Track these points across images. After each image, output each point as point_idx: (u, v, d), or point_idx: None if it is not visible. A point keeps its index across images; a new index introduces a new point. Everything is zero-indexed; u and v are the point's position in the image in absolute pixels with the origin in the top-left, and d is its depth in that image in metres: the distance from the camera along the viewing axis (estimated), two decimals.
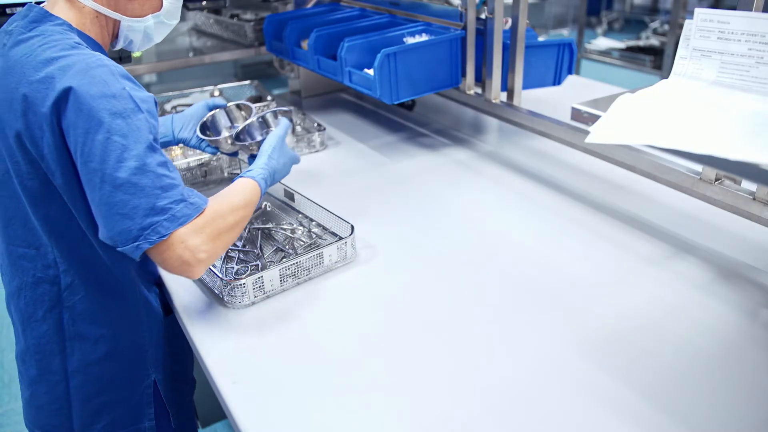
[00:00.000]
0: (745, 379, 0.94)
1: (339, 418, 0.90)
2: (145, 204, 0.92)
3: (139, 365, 1.19)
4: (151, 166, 0.93)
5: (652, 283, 1.17)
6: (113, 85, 0.94)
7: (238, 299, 1.13)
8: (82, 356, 1.12)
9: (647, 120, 0.83)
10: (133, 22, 1.12)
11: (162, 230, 0.92)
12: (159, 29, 1.18)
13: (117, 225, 0.92)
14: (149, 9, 1.13)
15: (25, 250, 1.07)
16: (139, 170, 0.92)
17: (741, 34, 0.86)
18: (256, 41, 2.41)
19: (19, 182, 1.01)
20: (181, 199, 0.95)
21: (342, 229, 1.30)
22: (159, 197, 0.93)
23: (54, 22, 1.02)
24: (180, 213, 0.94)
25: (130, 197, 0.91)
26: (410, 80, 1.62)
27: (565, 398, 0.92)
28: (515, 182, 1.60)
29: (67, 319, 1.09)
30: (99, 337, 1.12)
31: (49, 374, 1.12)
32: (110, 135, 0.91)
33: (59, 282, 1.08)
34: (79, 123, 0.92)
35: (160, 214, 0.92)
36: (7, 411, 2.30)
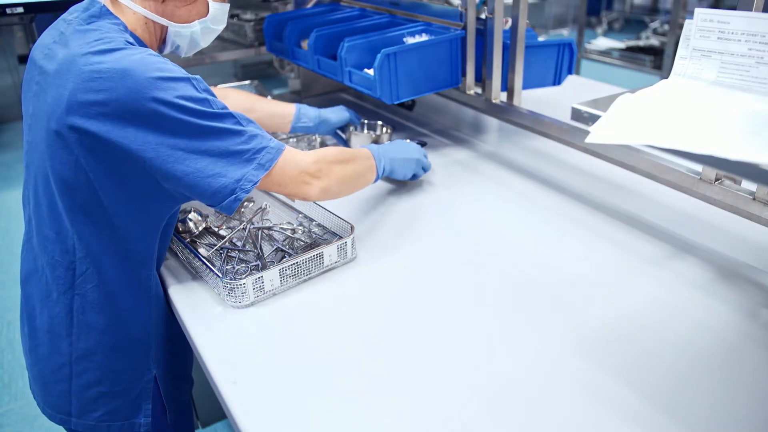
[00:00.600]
0: (745, 379, 0.94)
1: (339, 418, 0.90)
2: (231, 160, 1.00)
3: (142, 360, 1.20)
4: (226, 127, 1.00)
5: (652, 283, 1.17)
6: (170, 72, 0.98)
7: (238, 299, 1.13)
8: (87, 344, 1.13)
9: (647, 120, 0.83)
10: (180, 28, 1.15)
11: (253, 177, 1.01)
12: (206, 34, 1.21)
13: (211, 186, 1.00)
14: (196, 15, 1.16)
15: (49, 231, 1.09)
16: (218, 133, 0.99)
17: (741, 34, 0.86)
18: (256, 41, 2.41)
19: (51, 166, 1.03)
20: (262, 147, 1.03)
21: (342, 229, 1.30)
22: (243, 151, 1.01)
23: (112, 20, 1.06)
24: (264, 159, 1.03)
25: (217, 158, 0.99)
26: (410, 80, 1.63)
27: (565, 398, 0.92)
28: (515, 182, 1.60)
29: (78, 305, 1.11)
30: (105, 329, 1.13)
31: (57, 355, 1.14)
32: (181, 115, 0.96)
33: (74, 268, 1.09)
34: (145, 112, 0.95)
35: (248, 165, 1.01)
36: (7, 411, 2.30)
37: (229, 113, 1.02)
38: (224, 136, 1.00)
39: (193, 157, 0.99)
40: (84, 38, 1.01)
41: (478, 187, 1.59)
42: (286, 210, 1.49)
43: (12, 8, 2.11)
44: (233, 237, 1.34)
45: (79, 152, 0.99)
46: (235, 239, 1.33)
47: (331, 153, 1.19)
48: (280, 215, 1.47)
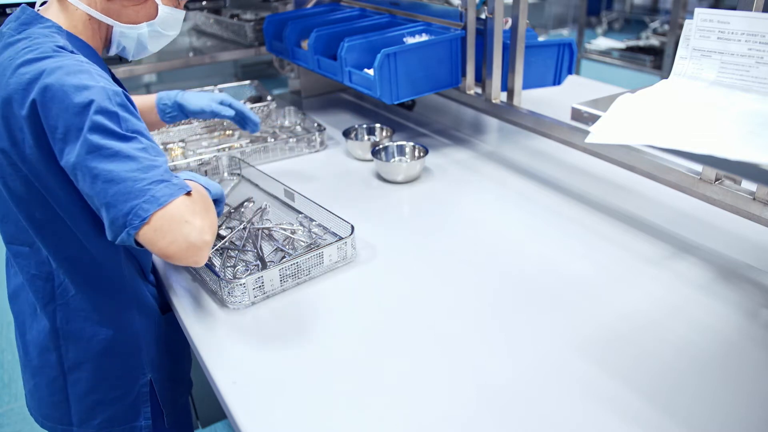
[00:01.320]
0: (745, 379, 0.94)
1: (339, 418, 0.90)
2: (123, 189, 0.89)
3: (135, 364, 1.19)
4: (126, 151, 0.91)
5: (652, 283, 1.17)
6: (87, 81, 0.93)
7: (238, 299, 1.13)
8: (77, 354, 1.13)
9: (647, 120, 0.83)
10: (125, 29, 1.10)
11: (142, 213, 0.88)
12: (154, 39, 1.16)
13: (108, 215, 0.91)
14: (144, 16, 1.11)
15: (20, 247, 1.08)
16: (113, 156, 0.90)
17: (741, 34, 0.86)
18: (256, 41, 2.41)
19: (3, 183, 1.02)
20: (161, 180, 0.91)
21: (342, 229, 1.30)
22: (137, 180, 0.90)
23: (43, 25, 1.01)
24: (159, 193, 0.90)
25: (108, 185, 0.89)
26: (410, 80, 1.63)
27: (565, 398, 0.92)
28: (515, 182, 1.60)
29: (61, 317, 1.10)
30: (92, 336, 1.13)
31: (48, 368, 1.14)
32: (84, 127, 0.90)
33: (52, 279, 1.09)
34: (57, 120, 0.91)
35: (139, 197, 0.89)
36: (7, 411, 2.30)
37: (136, 137, 0.94)
38: (120, 161, 0.90)
39: (88, 180, 0.91)
40: (13, 50, 0.98)
41: (478, 187, 1.59)
42: (286, 210, 1.49)
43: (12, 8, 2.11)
44: (233, 237, 1.34)
45: (23, 167, 0.98)
46: (235, 239, 1.33)
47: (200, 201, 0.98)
48: (280, 215, 1.47)
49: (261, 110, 1.98)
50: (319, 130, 1.86)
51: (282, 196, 1.52)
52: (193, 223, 0.91)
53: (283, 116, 2.04)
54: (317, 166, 1.76)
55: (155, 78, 2.87)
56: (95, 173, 0.90)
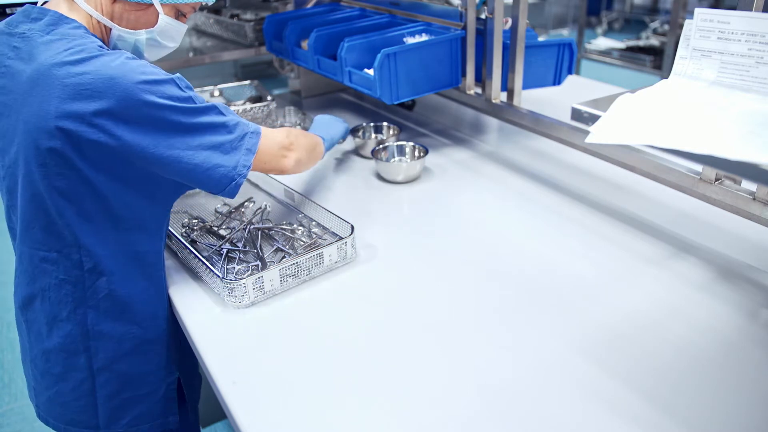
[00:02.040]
0: (745, 379, 0.94)
1: (339, 418, 0.90)
2: (223, 149, 1.06)
3: (162, 360, 1.20)
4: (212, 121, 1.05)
5: (652, 283, 1.17)
6: (153, 75, 0.99)
7: (238, 299, 1.13)
8: (107, 354, 1.13)
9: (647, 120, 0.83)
10: (124, 33, 1.10)
11: (245, 162, 1.09)
12: (152, 48, 1.16)
13: (212, 177, 1.06)
14: (144, 24, 1.12)
15: (47, 253, 1.07)
16: (206, 128, 1.04)
17: (741, 34, 0.86)
18: (256, 41, 2.41)
19: (46, 184, 1.00)
20: (245, 133, 1.10)
21: (342, 229, 1.30)
22: (231, 141, 1.08)
23: (71, 25, 1.03)
24: (250, 143, 1.10)
25: (211, 151, 1.05)
26: (410, 80, 1.63)
27: (565, 398, 0.92)
28: (515, 182, 1.60)
29: (92, 318, 1.10)
30: (123, 335, 1.13)
31: (75, 371, 1.13)
32: (174, 117, 1.00)
33: (83, 282, 1.08)
34: (133, 113, 0.96)
35: (238, 152, 1.08)
36: (6, 411, 2.30)
37: (212, 106, 1.07)
38: (212, 130, 1.05)
39: (189, 154, 1.03)
40: (52, 49, 0.97)
41: (478, 187, 1.59)
42: (286, 210, 1.49)
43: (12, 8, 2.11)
44: (233, 237, 1.34)
45: (81, 164, 0.98)
46: (235, 239, 1.33)
47: (292, 128, 1.30)
48: (280, 215, 1.47)
49: (261, 110, 1.98)
50: None
51: (282, 196, 1.52)
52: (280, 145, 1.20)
53: (283, 116, 2.03)
54: (317, 166, 1.76)
55: None
56: (196, 144, 1.03)
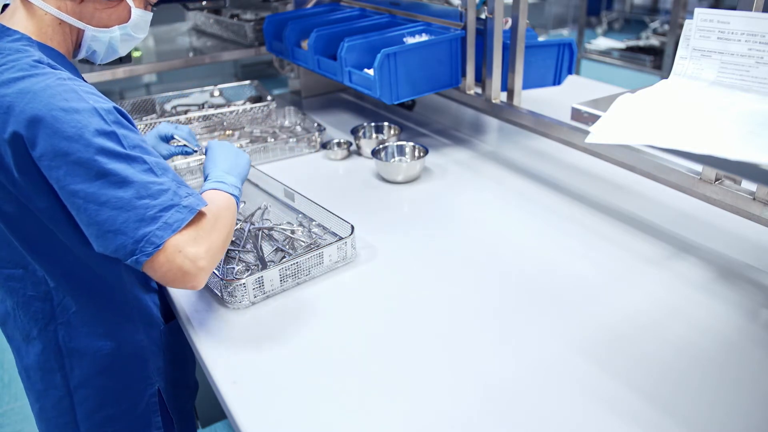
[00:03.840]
0: (745, 379, 0.94)
1: (339, 418, 0.90)
2: (134, 216, 0.88)
3: (142, 375, 1.17)
4: (133, 175, 0.89)
5: (652, 283, 1.17)
6: (76, 102, 0.89)
7: (238, 299, 1.13)
8: (82, 371, 1.10)
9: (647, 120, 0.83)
10: (98, 33, 1.06)
11: (156, 240, 0.88)
12: (125, 42, 1.12)
13: (112, 242, 0.89)
14: (116, 20, 1.07)
15: (12, 270, 1.04)
16: (121, 182, 0.88)
17: (741, 34, 0.86)
18: (256, 41, 2.41)
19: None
20: (171, 205, 0.90)
21: (342, 229, 1.30)
22: (147, 207, 0.89)
23: (12, 38, 0.96)
24: (172, 219, 0.90)
25: (117, 212, 0.88)
26: (410, 80, 1.62)
27: (565, 398, 0.92)
28: (515, 182, 1.60)
29: (63, 335, 1.07)
30: (97, 351, 1.10)
31: (53, 389, 1.11)
32: (82, 154, 0.87)
33: (51, 299, 1.05)
34: (47, 149, 0.87)
35: (151, 224, 0.88)
36: (7, 411, 2.30)
37: (140, 156, 0.91)
38: (128, 186, 0.88)
39: (92, 208, 0.88)
40: None
41: (478, 187, 1.59)
42: (286, 210, 1.49)
43: None
44: (233, 237, 1.34)
45: (12, 189, 0.94)
46: (235, 239, 1.33)
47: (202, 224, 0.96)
48: (280, 215, 1.47)
49: (261, 110, 1.98)
50: (320, 130, 1.86)
51: (282, 196, 1.52)
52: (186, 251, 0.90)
53: (283, 116, 2.03)
54: (317, 166, 1.76)
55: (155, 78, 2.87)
56: (103, 200, 0.88)
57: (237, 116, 1.96)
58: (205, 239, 0.94)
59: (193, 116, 1.92)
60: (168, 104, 2.07)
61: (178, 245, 0.90)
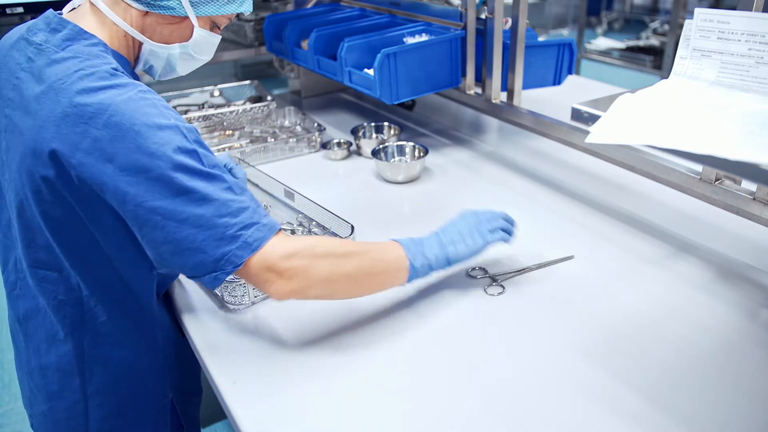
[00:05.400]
0: (745, 379, 0.94)
1: (339, 418, 0.90)
2: (214, 234, 0.87)
3: (158, 385, 1.17)
4: (213, 193, 0.88)
5: (652, 283, 1.17)
6: (159, 118, 0.89)
7: (238, 299, 1.13)
8: (102, 378, 1.09)
9: (647, 120, 0.83)
10: (156, 48, 1.05)
11: (236, 259, 0.88)
12: (185, 61, 1.11)
13: (190, 259, 0.89)
14: (178, 38, 1.06)
15: (47, 272, 1.03)
16: (201, 200, 0.88)
17: (741, 34, 0.86)
18: (256, 41, 2.41)
19: (41, 211, 0.95)
20: (251, 223, 0.90)
21: (342, 229, 1.30)
22: (227, 225, 0.88)
23: (89, 42, 0.96)
24: (252, 238, 0.89)
25: (198, 230, 0.87)
26: (410, 80, 1.63)
27: (565, 398, 0.92)
28: (515, 182, 1.60)
29: (88, 342, 1.07)
30: (119, 360, 1.10)
31: (70, 392, 1.10)
32: (164, 171, 0.86)
33: (82, 305, 1.05)
34: (128, 164, 0.87)
35: (231, 243, 0.88)
36: (7, 411, 2.30)
37: (220, 175, 0.91)
38: (209, 204, 0.88)
39: (171, 225, 0.87)
40: (62, 69, 0.91)
41: (478, 187, 1.59)
42: (286, 210, 1.49)
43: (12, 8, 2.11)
44: None
45: (70, 197, 0.93)
46: None
47: (322, 244, 0.97)
48: (280, 215, 1.47)
49: (261, 110, 1.98)
50: (320, 130, 1.86)
51: (282, 196, 1.52)
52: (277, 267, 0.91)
53: (283, 116, 2.04)
54: (317, 166, 1.76)
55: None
56: (183, 217, 0.87)
57: (237, 116, 1.96)
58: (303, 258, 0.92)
59: (193, 116, 1.91)
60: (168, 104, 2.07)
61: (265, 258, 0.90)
